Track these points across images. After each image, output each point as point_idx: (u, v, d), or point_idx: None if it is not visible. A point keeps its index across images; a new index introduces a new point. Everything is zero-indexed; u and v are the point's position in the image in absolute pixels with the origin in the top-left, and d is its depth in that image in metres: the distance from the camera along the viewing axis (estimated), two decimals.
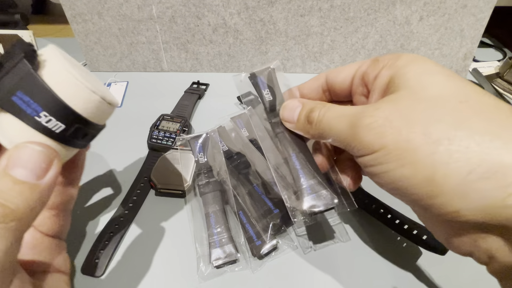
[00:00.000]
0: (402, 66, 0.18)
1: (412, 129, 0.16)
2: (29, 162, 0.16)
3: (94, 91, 0.17)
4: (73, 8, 0.46)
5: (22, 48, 0.16)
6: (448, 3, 0.45)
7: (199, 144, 0.34)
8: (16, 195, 0.15)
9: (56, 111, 0.16)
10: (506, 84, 0.51)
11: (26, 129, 0.16)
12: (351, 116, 0.18)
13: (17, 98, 0.16)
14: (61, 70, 0.17)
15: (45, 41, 0.60)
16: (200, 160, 0.33)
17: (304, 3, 0.46)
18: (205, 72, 0.53)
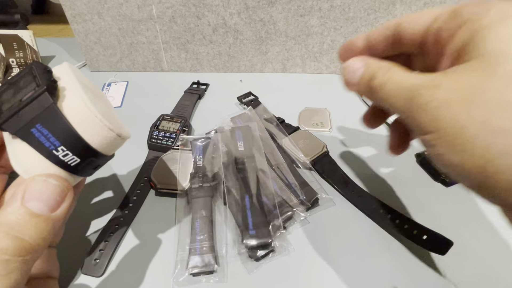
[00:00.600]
0: (486, 26, 0.14)
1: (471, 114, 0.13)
2: (44, 195, 0.16)
3: (111, 129, 0.18)
4: (73, 8, 0.46)
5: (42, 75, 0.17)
6: (448, 3, 0.45)
7: (200, 146, 0.34)
8: (33, 228, 0.15)
9: (74, 147, 0.17)
10: None
11: (42, 161, 0.16)
12: (409, 90, 0.16)
13: (36, 130, 0.16)
14: (81, 106, 0.17)
15: (45, 41, 0.60)
16: (198, 163, 0.33)
17: (304, 3, 0.46)
18: (205, 72, 0.53)
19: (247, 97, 0.46)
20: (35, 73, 0.17)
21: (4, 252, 0.14)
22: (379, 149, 0.39)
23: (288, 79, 0.49)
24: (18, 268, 0.15)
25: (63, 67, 0.19)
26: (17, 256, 0.15)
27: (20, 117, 0.16)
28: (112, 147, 0.19)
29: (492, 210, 0.33)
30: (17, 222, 0.15)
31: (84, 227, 0.30)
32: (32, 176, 0.16)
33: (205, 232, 0.28)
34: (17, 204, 0.15)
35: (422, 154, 0.37)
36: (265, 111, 0.42)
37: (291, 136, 0.38)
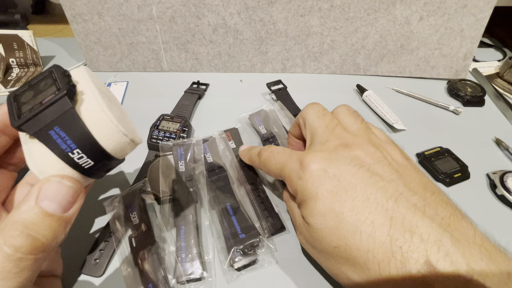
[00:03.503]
0: (304, 202, 0.22)
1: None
2: (58, 196, 0.17)
3: (126, 134, 0.18)
4: (73, 8, 0.46)
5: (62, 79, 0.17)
6: (448, 3, 0.45)
7: (181, 152, 0.33)
8: (46, 228, 0.16)
9: (89, 150, 0.17)
10: (506, 84, 0.51)
11: (58, 162, 0.17)
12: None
13: (54, 132, 0.16)
14: (98, 111, 0.18)
15: (45, 41, 0.60)
16: (180, 168, 0.32)
17: (304, 3, 0.46)
18: (205, 72, 0.53)
19: (276, 85, 0.47)
20: (55, 77, 0.17)
21: (18, 250, 0.15)
22: None
23: (288, 79, 0.49)
24: (29, 266, 0.15)
25: (80, 72, 0.19)
26: (30, 254, 0.15)
27: (39, 119, 0.16)
28: (125, 152, 0.20)
29: (492, 210, 0.33)
30: (31, 221, 0.15)
31: (84, 227, 0.30)
32: (47, 176, 0.17)
33: (191, 239, 0.27)
34: (31, 203, 0.16)
35: (422, 154, 0.37)
36: (282, 108, 0.43)
37: None
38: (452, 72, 0.51)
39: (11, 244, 0.15)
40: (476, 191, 0.34)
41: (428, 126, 0.43)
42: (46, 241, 0.16)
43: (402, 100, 0.48)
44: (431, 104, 0.47)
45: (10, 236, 0.15)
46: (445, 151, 0.38)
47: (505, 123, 0.44)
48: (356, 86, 0.49)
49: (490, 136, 0.41)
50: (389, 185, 0.20)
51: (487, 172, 0.36)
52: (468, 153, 0.38)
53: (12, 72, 0.52)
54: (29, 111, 0.16)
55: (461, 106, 0.46)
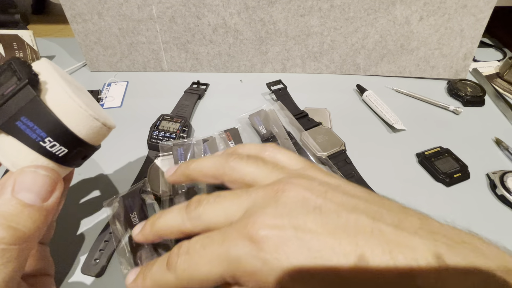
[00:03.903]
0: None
1: None
2: (35, 186, 0.16)
3: (96, 118, 0.18)
4: (73, 8, 0.46)
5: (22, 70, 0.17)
6: (448, 3, 0.45)
7: (181, 152, 0.33)
8: (26, 218, 0.16)
9: (61, 137, 0.17)
10: (506, 84, 0.51)
11: (30, 153, 0.17)
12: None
13: (21, 123, 0.16)
14: (65, 97, 0.17)
15: (45, 41, 0.60)
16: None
17: (304, 3, 0.46)
18: (205, 72, 0.53)
19: (277, 85, 0.47)
20: (15, 68, 0.17)
21: (1, 242, 0.15)
22: (378, 149, 0.39)
23: (288, 79, 0.49)
24: (15, 257, 0.15)
25: (41, 63, 0.19)
26: (13, 245, 0.15)
27: (3, 111, 0.16)
28: (99, 137, 0.19)
29: (492, 210, 0.33)
30: (10, 212, 0.15)
31: (83, 227, 0.30)
32: (21, 168, 0.16)
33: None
34: (7, 196, 0.16)
35: (422, 154, 0.37)
36: (282, 108, 0.43)
37: (311, 131, 0.39)
38: (452, 72, 0.51)
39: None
40: (476, 191, 0.34)
41: (428, 126, 0.43)
42: (28, 231, 0.16)
43: (402, 100, 0.48)
44: (431, 104, 0.47)
45: None
46: (445, 151, 0.38)
47: (505, 123, 0.44)
48: (356, 86, 0.49)
49: (490, 136, 0.41)
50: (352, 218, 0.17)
51: (487, 172, 0.36)
52: (468, 153, 0.38)
53: None
54: None
55: (461, 106, 0.47)
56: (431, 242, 0.15)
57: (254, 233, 0.16)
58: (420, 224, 0.16)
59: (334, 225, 0.16)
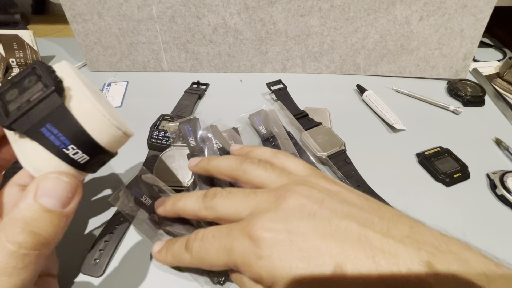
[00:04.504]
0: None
1: None
2: (57, 192, 0.17)
3: (119, 127, 0.19)
4: (73, 8, 0.46)
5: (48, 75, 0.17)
6: (448, 3, 0.45)
7: (188, 128, 0.34)
8: (47, 223, 0.16)
9: (83, 145, 0.17)
10: (506, 84, 0.51)
11: (53, 159, 0.17)
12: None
13: (46, 130, 0.16)
14: (89, 105, 0.17)
15: (45, 41, 0.60)
16: (191, 143, 0.33)
17: (304, 3, 0.46)
18: (205, 72, 0.53)
19: (276, 85, 0.47)
20: (40, 73, 0.17)
21: (21, 246, 0.15)
22: (378, 149, 0.39)
23: (288, 79, 0.49)
24: (33, 261, 0.16)
25: (64, 67, 0.19)
26: (33, 250, 0.16)
27: (29, 117, 0.16)
28: (118, 145, 0.20)
29: (492, 210, 0.33)
30: (32, 217, 0.16)
31: (83, 227, 0.30)
32: (44, 173, 0.17)
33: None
34: (30, 200, 0.16)
35: (422, 154, 0.37)
36: (282, 108, 0.43)
37: (311, 131, 0.39)
38: (452, 72, 0.51)
39: (14, 240, 0.15)
40: (476, 191, 0.34)
41: (428, 126, 0.43)
42: (49, 236, 0.16)
43: (402, 100, 0.48)
44: (431, 104, 0.47)
45: (13, 233, 0.15)
46: (445, 151, 0.38)
47: (505, 123, 0.44)
48: (356, 86, 0.49)
49: (490, 136, 0.41)
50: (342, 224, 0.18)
51: (487, 172, 0.36)
52: (468, 153, 0.38)
53: (12, 72, 0.52)
54: (17, 110, 0.16)
55: (461, 106, 0.46)
56: (415, 251, 0.17)
57: (253, 233, 0.19)
58: (409, 232, 0.18)
59: (324, 230, 0.18)
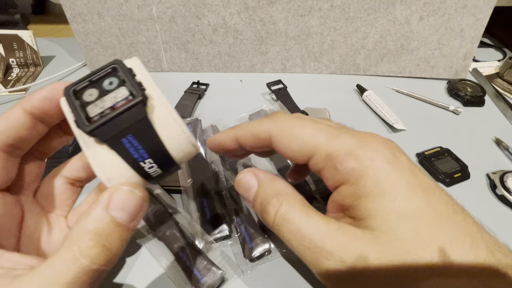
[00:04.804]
0: (367, 196, 0.16)
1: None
2: (129, 205, 0.16)
3: (194, 144, 0.18)
4: (73, 8, 0.46)
5: (132, 81, 0.16)
6: (448, 3, 0.45)
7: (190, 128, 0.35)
8: (117, 238, 0.15)
9: (160, 160, 0.17)
10: (506, 84, 0.51)
11: (128, 171, 0.16)
12: (314, 249, 0.16)
13: (127, 141, 0.16)
14: (170, 120, 0.17)
15: (45, 41, 0.60)
16: None
17: (304, 3, 0.46)
18: (205, 72, 0.53)
19: (276, 85, 0.47)
20: (122, 76, 0.17)
21: (94, 262, 0.14)
22: None
23: (288, 79, 0.49)
24: (100, 278, 0.15)
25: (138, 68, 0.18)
26: (103, 265, 0.15)
27: (112, 126, 0.15)
28: (187, 160, 0.19)
29: (492, 210, 0.32)
30: (104, 231, 0.15)
31: None
32: (117, 185, 0.16)
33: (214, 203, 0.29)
34: (102, 211, 0.15)
35: (422, 154, 0.37)
36: (282, 108, 0.43)
37: None
38: (452, 72, 0.51)
39: (87, 255, 0.14)
40: (476, 191, 0.34)
41: (428, 126, 0.43)
42: (117, 251, 0.15)
43: (402, 100, 0.48)
44: (431, 104, 0.47)
45: (86, 246, 0.14)
46: (445, 151, 0.38)
47: (505, 123, 0.44)
48: (356, 86, 0.49)
49: (490, 136, 0.41)
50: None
51: (487, 172, 0.36)
52: (468, 153, 0.38)
53: (12, 72, 0.52)
54: (100, 116, 0.16)
55: (461, 106, 0.46)
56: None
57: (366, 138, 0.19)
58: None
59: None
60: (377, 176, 0.16)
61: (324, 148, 0.18)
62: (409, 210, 0.16)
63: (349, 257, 0.15)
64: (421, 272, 0.14)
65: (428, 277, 0.14)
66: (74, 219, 0.21)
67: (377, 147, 0.17)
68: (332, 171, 0.18)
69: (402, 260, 0.15)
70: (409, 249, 0.15)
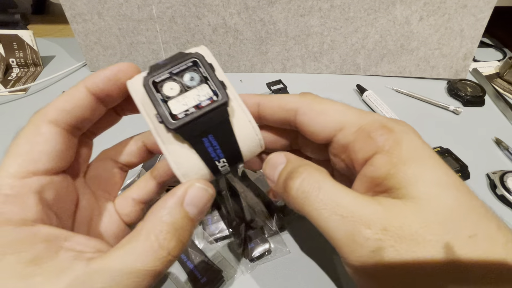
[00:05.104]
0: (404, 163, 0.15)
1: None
2: (201, 202, 0.16)
3: (261, 146, 0.18)
4: (73, 8, 0.46)
5: (215, 80, 0.17)
6: (448, 3, 0.45)
7: None
8: (188, 232, 0.16)
9: (233, 160, 0.17)
10: (506, 84, 0.51)
11: (203, 168, 0.17)
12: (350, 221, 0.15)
13: (207, 140, 0.16)
14: (246, 122, 0.17)
15: (45, 41, 0.60)
16: None
17: (304, 3, 0.46)
18: None
19: (276, 85, 0.47)
20: (204, 73, 0.16)
21: (170, 254, 0.15)
22: None
23: (288, 79, 0.49)
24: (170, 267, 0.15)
25: (215, 63, 0.18)
26: (176, 258, 0.15)
27: (197, 124, 0.16)
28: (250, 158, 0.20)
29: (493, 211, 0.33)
30: (180, 224, 0.15)
31: None
32: (192, 181, 0.16)
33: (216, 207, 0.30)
34: (178, 206, 0.16)
35: None
36: None
37: None
38: (452, 72, 0.51)
39: (166, 246, 0.14)
40: (476, 191, 0.34)
41: (428, 126, 0.43)
42: (186, 245, 0.16)
43: (402, 100, 0.48)
44: (431, 104, 0.47)
45: (164, 238, 0.14)
46: (445, 151, 0.38)
47: (505, 123, 0.44)
48: (356, 86, 0.49)
49: (490, 136, 0.41)
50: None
51: (487, 172, 0.36)
52: (468, 153, 0.38)
53: (12, 72, 0.52)
54: (185, 114, 0.16)
55: (461, 106, 0.46)
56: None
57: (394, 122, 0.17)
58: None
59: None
60: (413, 145, 0.16)
61: (355, 121, 0.18)
62: (447, 178, 0.15)
63: (392, 225, 0.14)
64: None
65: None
66: (122, 203, 0.20)
67: (406, 125, 0.17)
68: (364, 142, 0.17)
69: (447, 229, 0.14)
70: (453, 217, 0.14)
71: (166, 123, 0.15)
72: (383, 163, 0.16)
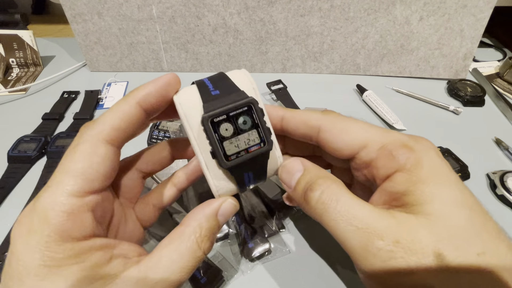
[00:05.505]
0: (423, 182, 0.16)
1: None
2: (228, 215, 0.19)
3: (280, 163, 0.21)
4: (73, 8, 0.46)
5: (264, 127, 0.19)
6: (448, 3, 0.45)
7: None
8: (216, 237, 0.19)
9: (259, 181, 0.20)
10: (506, 84, 0.51)
11: (234, 189, 0.20)
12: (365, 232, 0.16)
13: (247, 175, 0.19)
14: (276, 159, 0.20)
15: (45, 41, 0.60)
16: None
17: (304, 3, 0.46)
18: (205, 72, 0.53)
19: (276, 85, 0.47)
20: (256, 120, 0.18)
21: (205, 253, 0.17)
22: None
23: (288, 79, 0.49)
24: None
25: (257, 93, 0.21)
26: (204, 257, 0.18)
27: (244, 165, 0.18)
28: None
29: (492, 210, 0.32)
30: (213, 229, 0.18)
31: None
32: (225, 197, 0.19)
33: None
34: (213, 215, 0.18)
35: None
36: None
37: None
38: (452, 72, 0.51)
39: (202, 247, 0.17)
40: (476, 191, 0.34)
41: (428, 126, 0.43)
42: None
43: (402, 100, 0.48)
44: (431, 104, 0.47)
45: (202, 240, 0.17)
46: (445, 151, 0.38)
47: (505, 123, 0.44)
48: (356, 86, 0.49)
49: (490, 136, 0.41)
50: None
51: (487, 172, 0.36)
52: (468, 153, 0.38)
53: (12, 72, 0.52)
54: (236, 156, 0.18)
55: (461, 106, 0.46)
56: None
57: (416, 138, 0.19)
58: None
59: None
60: (432, 164, 0.17)
61: (377, 139, 0.18)
62: (462, 198, 0.16)
63: (404, 238, 0.15)
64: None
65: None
66: (143, 209, 0.22)
67: (427, 143, 0.18)
68: (386, 160, 0.18)
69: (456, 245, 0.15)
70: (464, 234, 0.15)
71: (220, 163, 0.18)
72: (403, 180, 0.17)
